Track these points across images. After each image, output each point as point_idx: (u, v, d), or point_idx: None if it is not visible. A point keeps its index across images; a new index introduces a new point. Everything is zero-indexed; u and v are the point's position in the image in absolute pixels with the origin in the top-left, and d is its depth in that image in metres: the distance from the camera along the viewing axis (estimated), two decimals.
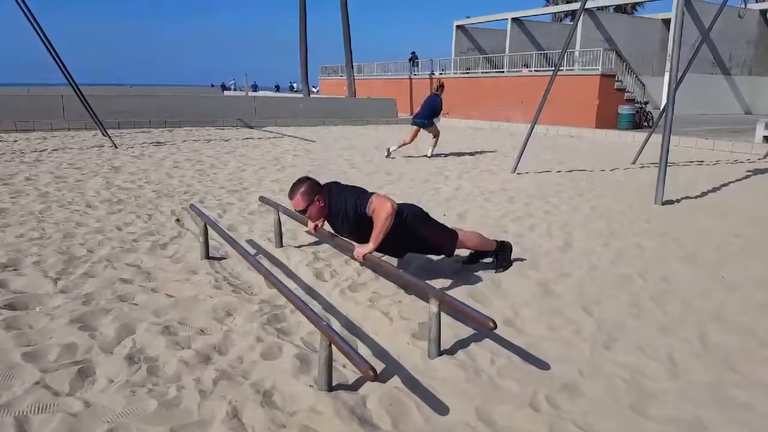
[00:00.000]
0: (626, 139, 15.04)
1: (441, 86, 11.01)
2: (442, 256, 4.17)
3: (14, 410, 2.38)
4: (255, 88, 56.81)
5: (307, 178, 3.78)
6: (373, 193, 3.66)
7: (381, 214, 3.53)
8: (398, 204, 3.91)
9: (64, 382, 2.61)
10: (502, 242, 4.37)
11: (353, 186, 3.91)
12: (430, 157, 10.95)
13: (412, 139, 10.87)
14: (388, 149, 10.91)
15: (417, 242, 3.95)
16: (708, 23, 9.54)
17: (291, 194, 3.73)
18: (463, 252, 4.51)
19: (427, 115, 10.84)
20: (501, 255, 4.32)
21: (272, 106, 19.37)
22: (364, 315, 3.49)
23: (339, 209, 3.70)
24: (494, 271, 4.26)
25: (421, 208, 4.04)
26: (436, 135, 11.03)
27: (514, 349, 3.07)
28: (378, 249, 3.69)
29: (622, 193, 7.52)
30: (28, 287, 3.77)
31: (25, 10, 10.51)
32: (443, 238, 3.98)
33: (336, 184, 3.89)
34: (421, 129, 10.80)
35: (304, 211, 3.75)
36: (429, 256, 4.53)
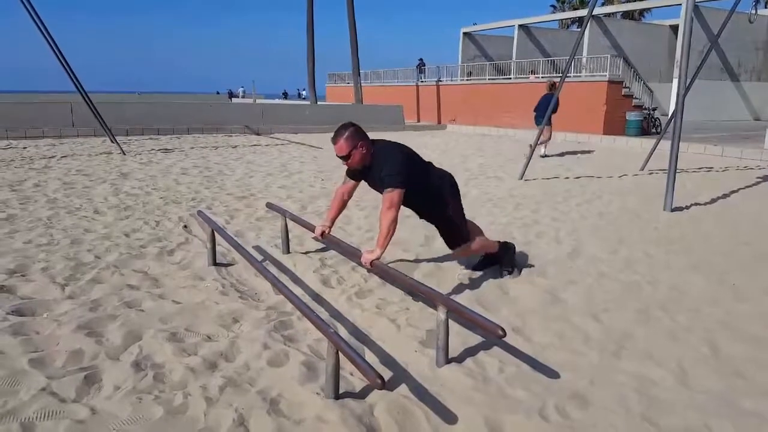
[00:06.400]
0: (634, 145, 14.97)
1: (553, 85, 11.75)
2: (448, 257, 4.13)
3: (20, 416, 2.38)
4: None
5: (351, 124, 3.67)
6: (396, 186, 3.54)
7: (384, 220, 3.53)
8: (437, 169, 3.96)
9: (70, 388, 2.61)
10: (504, 242, 4.36)
11: (395, 150, 3.72)
12: (543, 156, 11.92)
13: (546, 136, 11.76)
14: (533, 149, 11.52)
15: (438, 210, 3.91)
16: (716, 29, 9.52)
17: (334, 139, 3.61)
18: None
19: (547, 115, 11.21)
20: (505, 257, 4.31)
21: (279, 113, 19.44)
22: (371, 322, 3.47)
23: (375, 167, 3.65)
24: (501, 275, 4.24)
25: (456, 182, 4.03)
26: (549, 136, 11.97)
27: (523, 358, 3.05)
28: (405, 203, 3.66)
29: (631, 200, 7.48)
30: (35, 293, 3.78)
31: (36, 19, 10.62)
32: (460, 220, 4.00)
33: (382, 140, 3.82)
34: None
35: (346, 157, 3.63)
36: (436, 262, 4.52)
